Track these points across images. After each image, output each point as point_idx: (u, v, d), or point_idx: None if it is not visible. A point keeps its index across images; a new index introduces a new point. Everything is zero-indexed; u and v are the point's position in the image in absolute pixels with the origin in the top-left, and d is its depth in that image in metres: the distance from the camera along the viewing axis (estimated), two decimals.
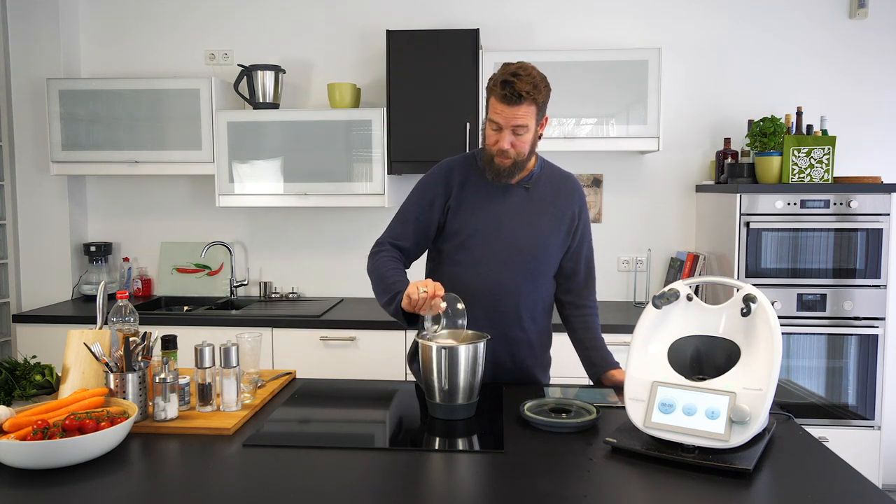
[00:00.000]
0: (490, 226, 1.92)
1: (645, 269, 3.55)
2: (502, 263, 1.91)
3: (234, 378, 1.68)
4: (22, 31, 3.48)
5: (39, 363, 1.81)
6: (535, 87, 1.78)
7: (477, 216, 1.93)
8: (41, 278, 3.58)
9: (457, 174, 1.97)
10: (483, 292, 1.91)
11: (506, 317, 1.93)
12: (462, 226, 1.93)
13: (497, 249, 1.91)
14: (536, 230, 1.93)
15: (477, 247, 1.92)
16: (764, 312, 1.42)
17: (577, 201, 2.00)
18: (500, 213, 1.93)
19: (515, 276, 1.92)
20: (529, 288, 1.95)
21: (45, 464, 1.33)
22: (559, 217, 1.96)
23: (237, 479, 1.34)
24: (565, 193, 1.98)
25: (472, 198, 1.94)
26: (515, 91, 1.77)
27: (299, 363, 3.02)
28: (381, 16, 3.54)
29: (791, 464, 1.38)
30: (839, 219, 2.91)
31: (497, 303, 1.92)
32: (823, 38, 3.40)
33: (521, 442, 1.50)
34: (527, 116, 1.81)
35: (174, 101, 3.30)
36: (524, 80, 1.78)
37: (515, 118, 1.80)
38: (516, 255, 1.92)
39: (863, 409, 2.97)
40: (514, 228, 1.92)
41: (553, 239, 1.95)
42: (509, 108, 1.80)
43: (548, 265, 1.98)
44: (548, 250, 1.95)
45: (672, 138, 3.47)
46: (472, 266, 1.92)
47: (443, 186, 1.96)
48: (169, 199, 3.70)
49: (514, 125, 1.81)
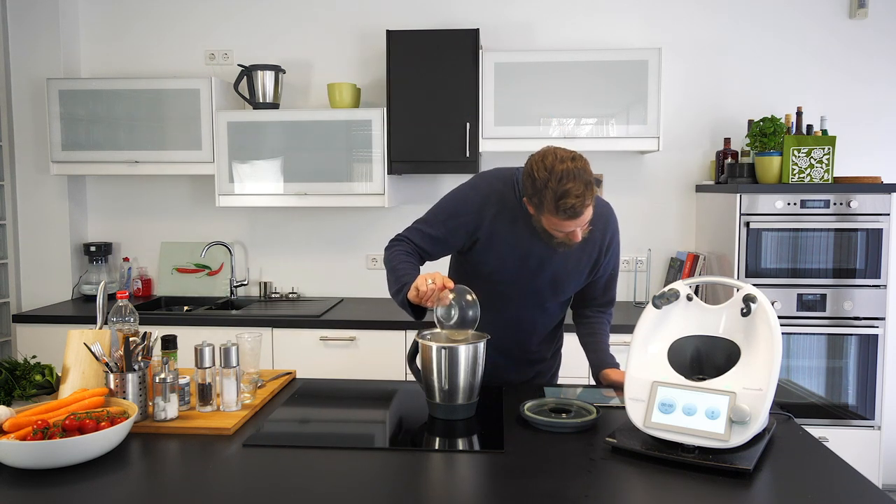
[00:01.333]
0: (515, 266, 1.87)
1: (645, 269, 3.55)
2: (521, 302, 1.92)
3: (234, 378, 1.68)
4: (22, 31, 3.48)
5: (39, 363, 1.81)
6: (587, 196, 1.66)
7: (503, 255, 1.86)
8: (41, 278, 3.58)
9: (492, 205, 1.84)
10: (500, 324, 1.91)
11: (513, 344, 1.98)
12: (487, 260, 1.87)
13: (518, 289, 1.90)
14: (562, 272, 1.89)
15: (499, 282, 1.89)
16: (764, 312, 1.42)
17: (610, 231, 1.94)
18: (527, 253, 1.85)
19: (533, 313, 1.96)
20: (545, 318, 1.99)
21: (45, 464, 1.33)
22: (588, 253, 1.90)
23: (237, 479, 1.34)
24: (599, 227, 1.89)
25: (503, 234, 1.84)
26: (580, 207, 1.65)
27: (299, 363, 3.02)
28: (381, 16, 3.54)
29: (791, 464, 1.38)
30: (839, 219, 2.91)
31: (505, 330, 1.94)
32: (823, 38, 3.40)
33: (521, 442, 1.50)
34: (589, 214, 1.70)
35: (174, 101, 3.30)
36: (588, 190, 1.66)
37: (582, 223, 1.70)
38: (536, 297, 1.92)
39: (863, 409, 2.97)
40: (537, 270, 1.87)
41: (576, 277, 1.92)
42: (573, 221, 1.68)
43: (566, 299, 2.01)
44: (568, 289, 1.95)
45: (672, 138, 3.47)
46: (491, 295, 1.85)
47: (477, 214, 1.84)
48: (169, 199, 3.70)
49: (583, 226, 1.73)
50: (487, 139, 3.18)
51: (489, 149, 3.19)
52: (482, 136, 3.18)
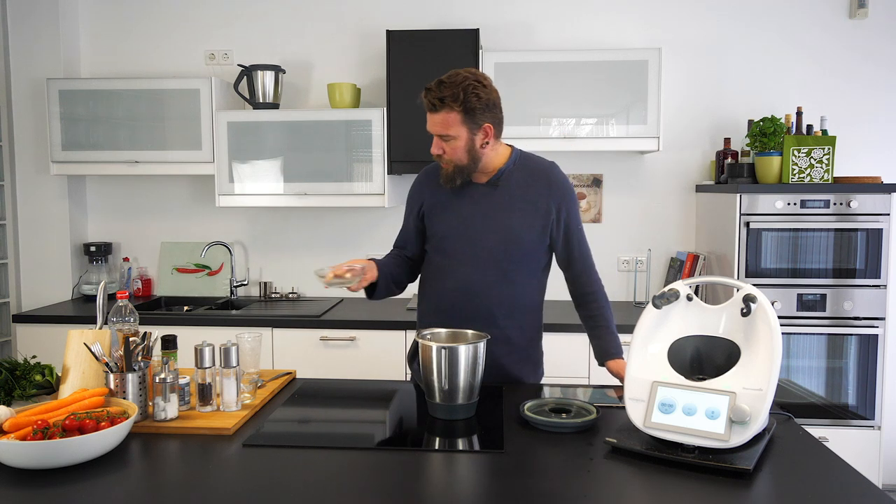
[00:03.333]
0: (458, 227, 1.95)
1: (645, 269, 3.55)
2: (473, 263, 1.93)
3: (234, 378, 1.68)
4: (22, 31, 3.48)
5: (39, 363, 1.81)
6: (452, 93, 1.78)
7: (446, 219, 1.98)
8: (41, 278, 3.58)
9: (430, 179, 2.03)
10: (455, 292, 1.95)
11: (477, 315, 1.93)
12: (435, 229, 2.00)
13: (466, 250, 1.94)
14: (506, 227, 1.92)
15: (449, 248, 1.96)
16: (764, 312, 1.42)
17: (556, 192, 1.94)
18: (467, 213, 1.95)
19: (487, 275, 1.93)
20: (504, 286, 1.94)
21: (45, 464, 1.33)
22: (532, 211, 1.93)
23: (237, 479, 1.34)
24: (540, 186, 1.94)
25: (443, 201, 1.99)
26: (430, 99, 1.81)
27: (299, 363, 3.02)
28: (381, 16, 3.54)
29: (791, 464, 1.38)
30: (839, 219, 2.91)
31: (468, 302, 1.93)
32: (823, 39, 3.40)
33: (521, 442, 1.50)
34: (446, 124, 1.82)
35: (174, 101, 3.30)
36: (445, 86, 1.80)
37: (434, 126, 1.84)
38: (486, 255, 1.93)
39: (863, 409, 2.97)
40: (483, 228, 1.93)
41: (527, 234, 1.93)
42: (430, 116, 1.85)
43: (525, 262, 1.95)
44: (522, 246, 1.93)
45: (672, 138, 3.47)
46: (446, 267, 1.97)
47: (418, 192, 2.06)
48: (169, 199, 3.70)
49: (436, 133, 1.85)
50: None
51: None
52: None
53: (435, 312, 1.99)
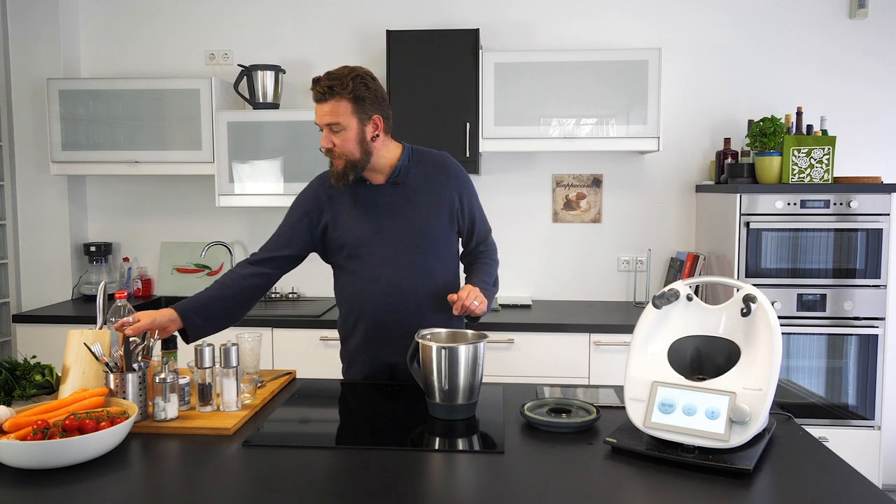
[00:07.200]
0: (371, 231, 1.94)
1: (645, 270, 3.55)
2: (394, 265, 1.93)
3: (233, 378, 1.68)
4: (22, 31, 3.48)
5: (39, 363, 1.81)
6: (340, 82, 1.80)
7: (356, 225, 1.94)
8: (41, 278, 3.58)
9: (326, 189, 1.98)
10: (382, 295, 1.93)
11: (408, 313, 1.94)
12: (346, 237, 1.95)
13: (384, 252, 1.93)
14: (416, 223, 1.94)
15: (365, 254, 1.94)
16: (764, 312, 1.42)
17: (455, 180, 1.99)
18: (376, 216, 1.94)
19: (410, 274, 1.93)
20: (427, 280, 1.95)
21: (45, 464, 1.33)
22: (436, 203, 1.96)
23: (237, 479, 1.34)
24: (439, 177, 1.98)
25: (347, 209, 1.96)
26: (319, 89, 1.82)
27: (299, 363, 3.02)
28: (381, 16, 3.54)
29: (791, 464, 1.38)
30: (839, 219, 2.91)
31: (398, 302, 1.93)
32: (823, 38, 3.40)
33: (520, 442, 1.50)
34: (335, 113, 1.83)
35: (174, 101, 3.30)
36: (334, 77, 1.82)
37: (323, 116, 1.85)
38: (403, 254, 1.93)
39: (863, 409, 2.97)
40: (395, 227, 1.93)
41: (436, 227, 1.96)
42: (318, 107, 1.85)
43: (440, 252, 1.98)
44: (433, 239, 1.95)
45: (672, 138, 3.47)
46: (367, 274, 1.94)
47: (314, 204, 1.98)
48: (169, 199, 3.70)
49: (325, 123, 1.86)
50: (487, 139, 3.18)
51: (489, 149, 3.19)
52: (482, 136, 3.18)
53: (361, 318, 1.97)
